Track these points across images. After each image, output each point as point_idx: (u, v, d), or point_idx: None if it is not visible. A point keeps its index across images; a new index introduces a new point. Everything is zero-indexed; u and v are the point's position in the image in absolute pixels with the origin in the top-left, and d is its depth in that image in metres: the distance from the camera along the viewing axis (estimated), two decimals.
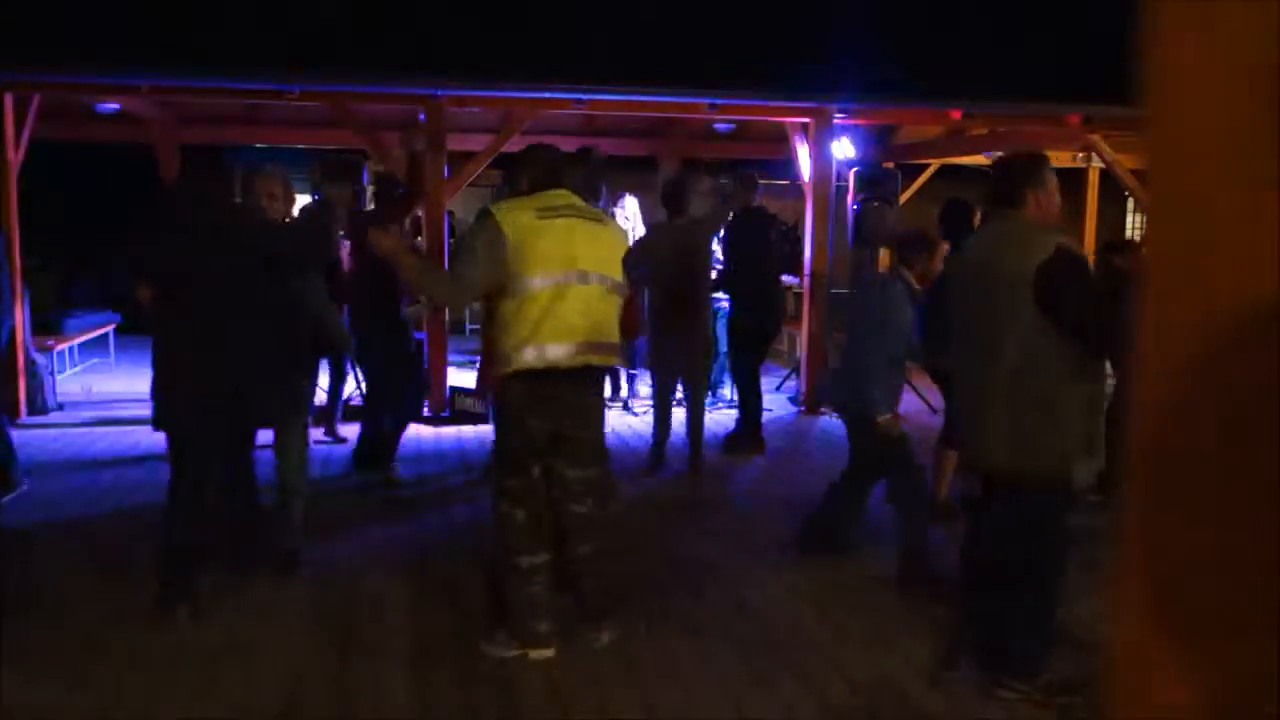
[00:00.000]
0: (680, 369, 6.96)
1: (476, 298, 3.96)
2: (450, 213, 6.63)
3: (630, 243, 3.94)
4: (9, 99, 8.42)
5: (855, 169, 9.69)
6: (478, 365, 6.60)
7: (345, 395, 7.79)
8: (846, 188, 9.72)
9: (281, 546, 4.90)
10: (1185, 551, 0.73)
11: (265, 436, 5.05)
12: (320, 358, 5.33)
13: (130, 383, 9.78)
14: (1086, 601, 4.27)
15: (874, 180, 9.61)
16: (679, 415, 7.35)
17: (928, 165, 13.74)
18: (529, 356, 3.80)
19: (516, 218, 3.84)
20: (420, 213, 8.36)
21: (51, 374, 8.69)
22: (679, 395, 7.56)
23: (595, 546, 4.09)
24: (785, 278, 11.51)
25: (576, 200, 4.01)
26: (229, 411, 4.32)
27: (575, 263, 3.84)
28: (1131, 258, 6.19)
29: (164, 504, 4.41)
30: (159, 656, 3.99)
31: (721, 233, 7.62)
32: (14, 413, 8.07)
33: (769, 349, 7.82)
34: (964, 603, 4.11)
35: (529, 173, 4.07)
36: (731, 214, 7.43)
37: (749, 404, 7.54)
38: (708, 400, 7.91)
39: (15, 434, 6.33)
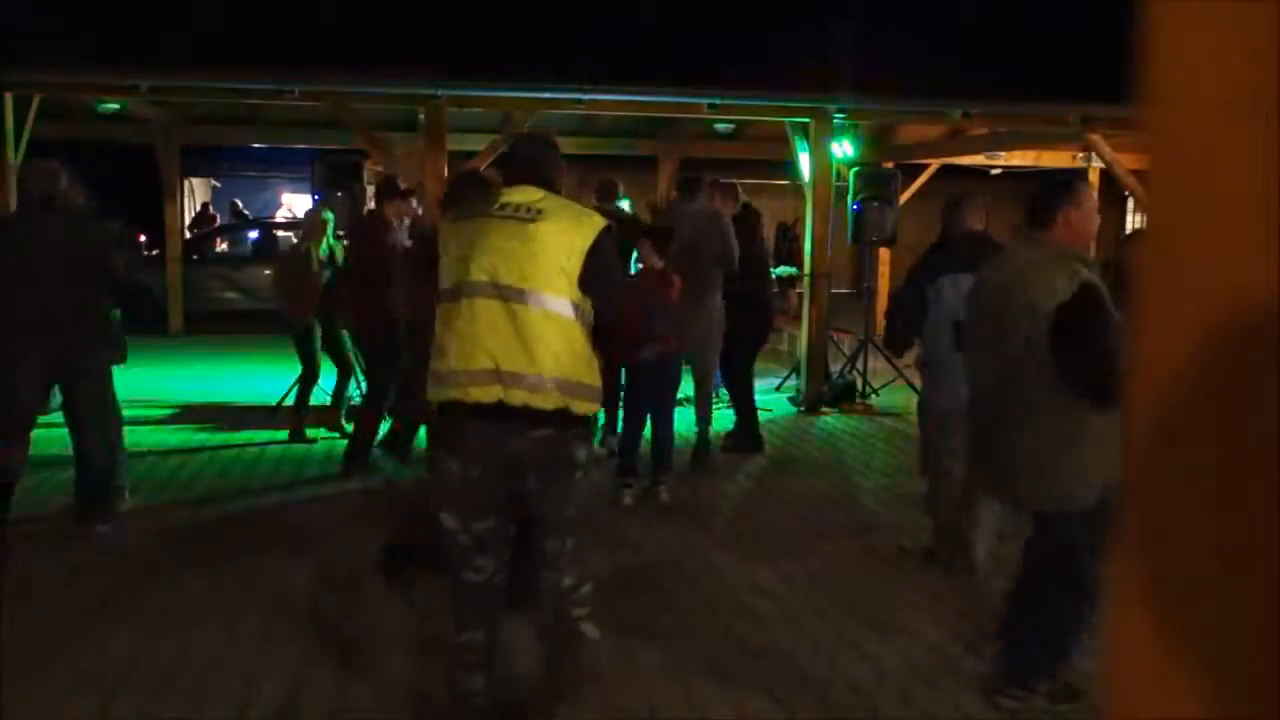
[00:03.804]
0: (690, 358, 6.94)
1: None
2: None
3: (596, 241, 3.16)
4: (9, 99, 8.42)
5: (855, 169, 9.70)
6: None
7: (348, 392, 7.81)
8: (846, 188, 9.73)
9: None
10: (1184, 557, 0.73)
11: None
12: None
13: (130, 382, 9.77)
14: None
15: (874, 180, 9.62)
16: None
17: (928, 165, 13.76)
18: (432, 386, 3.18)
19: (451, 224, 3.32)
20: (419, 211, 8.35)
21: None
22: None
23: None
24: (786, 267, 11.49)
25: (523, 196, 3.19)
26: None
27: (479, 272, 3.08)
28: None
29: None
30: None
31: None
32: None
33: (760, 349, 7.82)
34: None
35: (504, 171, 3.45)
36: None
37: (741, 403, 7.55)
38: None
39: None
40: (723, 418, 7.80)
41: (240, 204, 19.58)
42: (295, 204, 18.34)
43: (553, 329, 3.08)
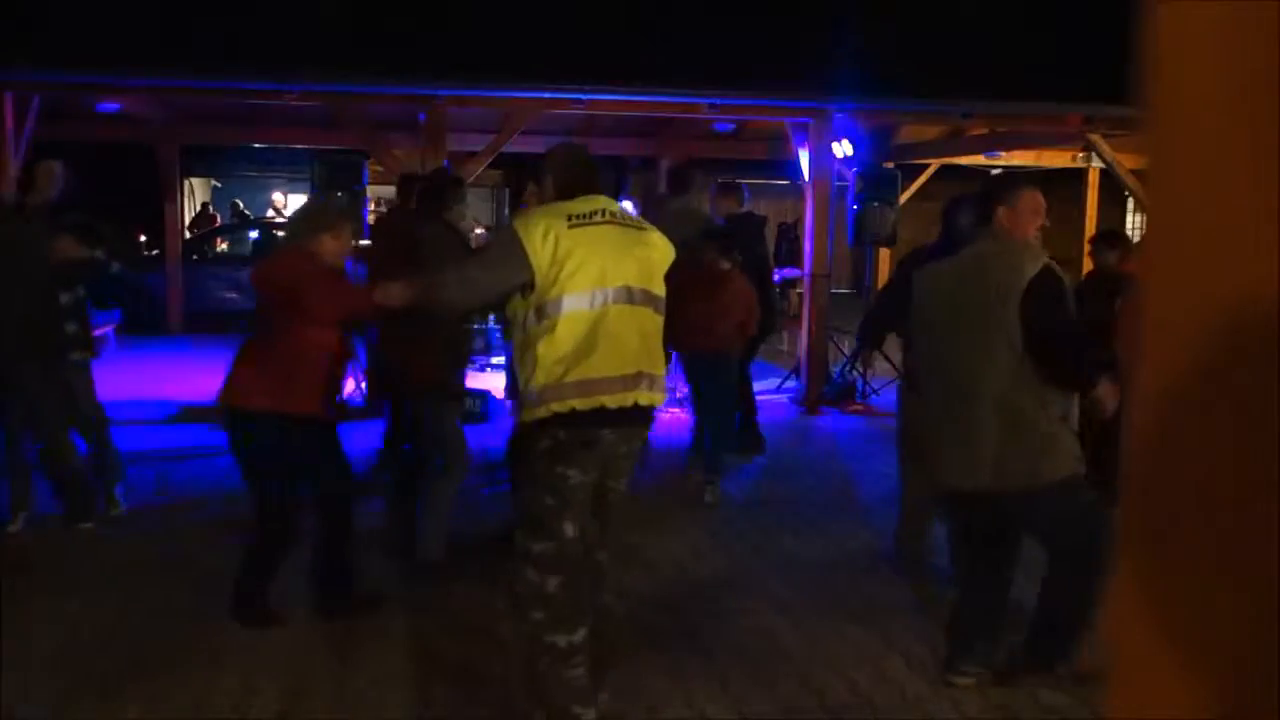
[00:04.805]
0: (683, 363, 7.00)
1: (482, 303, 3.63)
2: None
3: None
4: (9, 99, 8.42)
5: (855, 169, 9.70)
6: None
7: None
8: (846, 188, 9.73)
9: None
10: (1186, 553, 0.72)
11: None
12: None
13: (130, 382, 9.77)
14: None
15: (874, 180, 9.61)
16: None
17: (928, 165, 13.76)
18: (568, 395, 3.16)
19: (542, 227, 3.20)
20: None
21: None
22: (678, 395, 7.60)
23: (608, 598, 3.49)
24: (788, 271, 11.48)
25: (613, 206, 3.39)
26: None
27: (618, 278, 3.23)
28: (1122, 256, 6.18)
29: None
30: None
31: None
32: None
33: (759, 349, 7.84)
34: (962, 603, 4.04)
35: (556, 175, 3.43)
36: (724, 220, 7.46)
37: (744, 403, 7.55)
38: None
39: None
40: None
41: (241, 204, 19.55)
42: (286, 204, 18.26)
43: (661, 331, 3.39)
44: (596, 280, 3.18)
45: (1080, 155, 12.99)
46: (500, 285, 3.30)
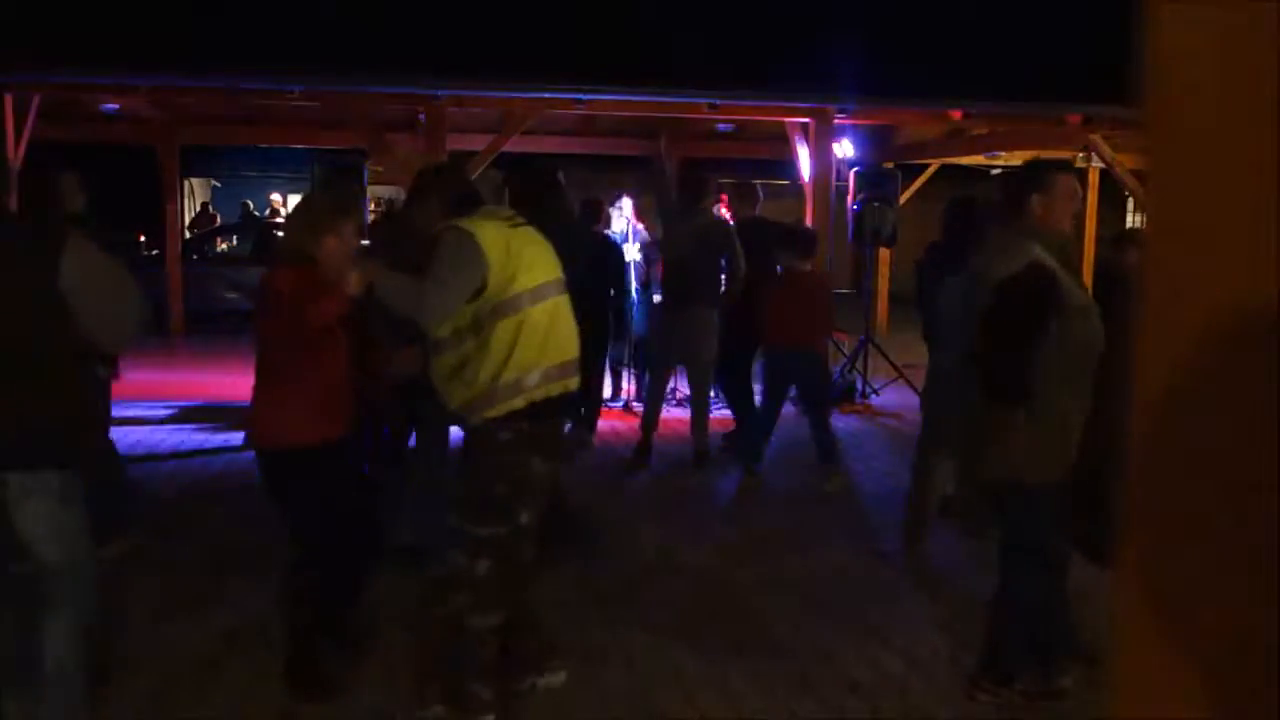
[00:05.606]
0: (684, 361, 7.04)
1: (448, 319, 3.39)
2: None
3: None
4: (9, 99, 8.43)
5: (855, 169, 9.70)
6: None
7: None
8: (846, 188, 9.74)
9: None
10: (1184, 557, 0.72)
11: None
12: None
13: (130, 382, 9.76)
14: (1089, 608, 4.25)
15: (874, 180, 9.62)
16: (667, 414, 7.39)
17: (928, 165, 13.76)
18: (544, 380, 3.33)
19: (490, 228, 3.32)
20: None
21: None
22: (677, 396, 7.61)
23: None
24: None
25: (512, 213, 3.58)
26: None
27: (554, 273, 3.44)
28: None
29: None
30: None
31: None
32: None
33: (759, 349, 7.87)
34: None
35: (457, 190, 3.53)
36: (734, 223, 7.48)
37: (741, 404, 7.56)
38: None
39: None
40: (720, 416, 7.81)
41: (251, 205, 19.54)
42: (286, 204, 18.24)
43: None
44: (545, 275, 3.37)
45: (1080, 155, 12.99)
46: (465, 296, 3.24)
